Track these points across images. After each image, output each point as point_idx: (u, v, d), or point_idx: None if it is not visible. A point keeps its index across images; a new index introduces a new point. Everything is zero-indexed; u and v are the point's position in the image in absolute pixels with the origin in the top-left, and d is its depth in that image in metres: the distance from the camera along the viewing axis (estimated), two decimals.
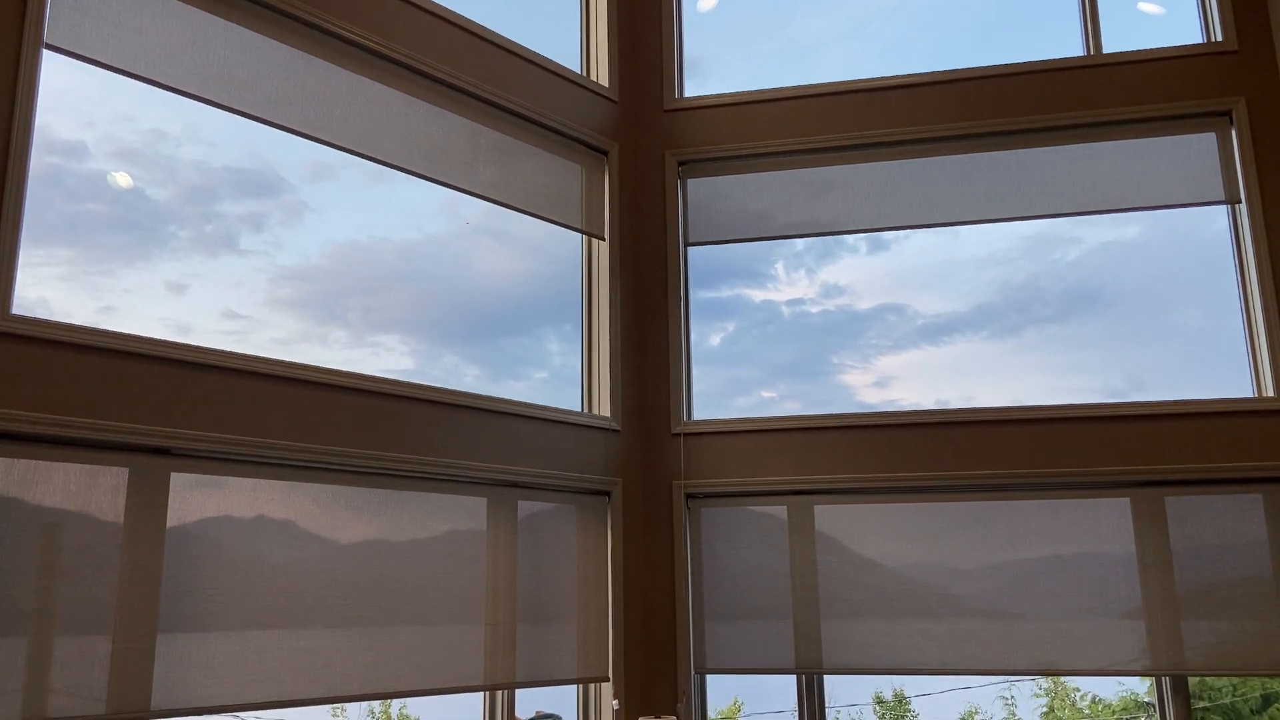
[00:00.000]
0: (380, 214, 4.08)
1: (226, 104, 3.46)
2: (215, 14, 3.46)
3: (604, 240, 4.66)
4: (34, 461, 2.84)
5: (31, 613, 2.78)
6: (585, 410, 4.51)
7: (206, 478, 3.19)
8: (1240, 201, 4.26)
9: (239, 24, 3.52)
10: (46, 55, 3.03)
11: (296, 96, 3.64)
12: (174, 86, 3.34)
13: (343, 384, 3.55)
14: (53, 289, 3.08)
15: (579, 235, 4.68)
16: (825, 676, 4.33)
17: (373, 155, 3.86)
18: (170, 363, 3.13)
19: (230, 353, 3.29)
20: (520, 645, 3.93)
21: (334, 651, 3.41)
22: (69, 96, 3.16)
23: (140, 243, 3.39)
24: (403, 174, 3.99)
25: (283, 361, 3.42)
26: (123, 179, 3.35)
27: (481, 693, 3.98)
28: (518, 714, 4.00)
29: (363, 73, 3.87)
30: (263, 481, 3.32)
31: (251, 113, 3.51)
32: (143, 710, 2.95)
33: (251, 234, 3.68)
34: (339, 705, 4.62)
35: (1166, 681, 4.04)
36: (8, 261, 2.83)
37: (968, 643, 4.13)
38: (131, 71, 3.23)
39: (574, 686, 4.27)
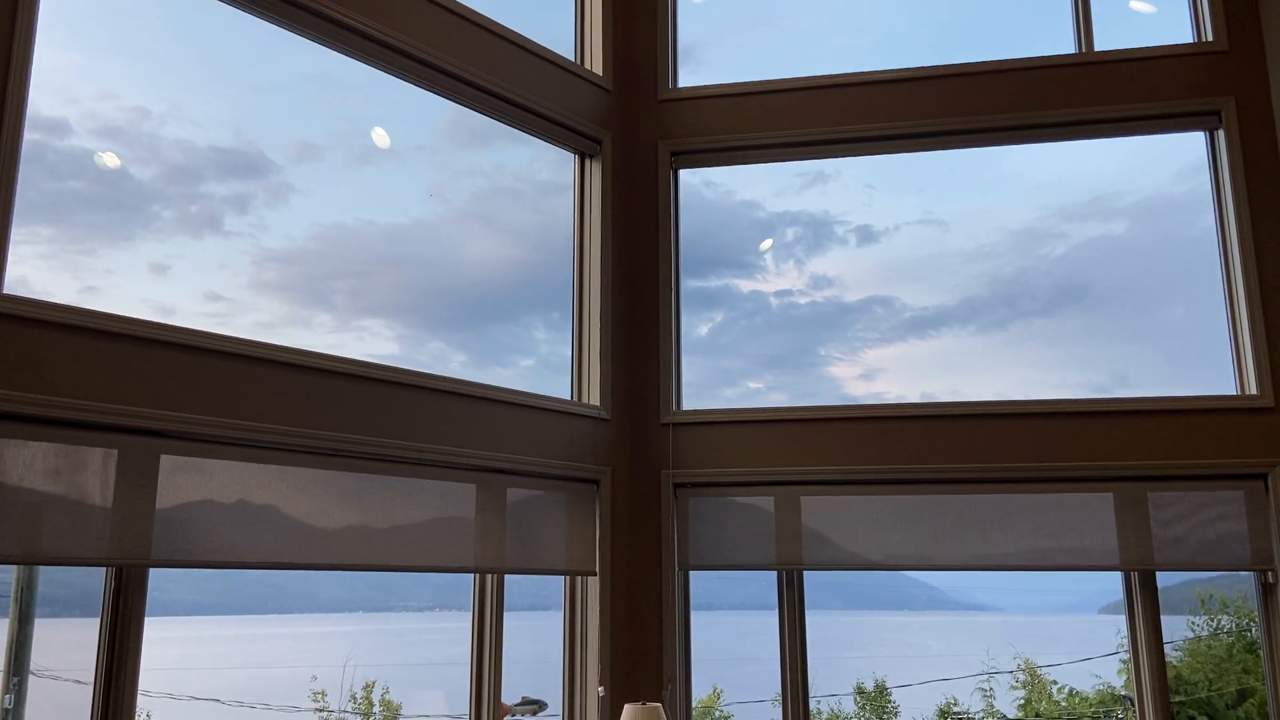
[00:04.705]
0: (367, 196, 4.03)
1: None
2: None
3: (597, 159, 4.64)
4: (25, 441, 2.79)
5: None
6: (575, 399, 4.49)
7: (193, 460, 3.15)
8: (1220, 128, 4.31)
9: (237, 6, 3.45)
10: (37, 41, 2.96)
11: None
12: None
13: (334, 368, 3.52)
14: (34, 267, 3.01)
15: (569, 224, 4.65)
16: (809, 674, 4.32)
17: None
18: (162, 345, 3.09)
19: (223, 335, 3.25)
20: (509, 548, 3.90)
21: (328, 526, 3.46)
22: (52, 73, 3.09)
23: (123, 222, 3.32)
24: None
25: (276, 345, 3.38)
26: (110, 160, 3.28)
27: (468, 687, 3.97)
28: (503, 700, 3.98)
29: (353, 55, 3.81)
30: (252, 465, 3.28)
31: None
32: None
33: (236, 215, 3.62)
34: (320, 692, 4.60)
35: (1145, 675, 4.08)
36: None
37: (942, 540, 4.19)
38: None
39: (560, 678, 4.26)
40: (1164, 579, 4.12)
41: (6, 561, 2.81)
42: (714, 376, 4.78)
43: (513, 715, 4.06)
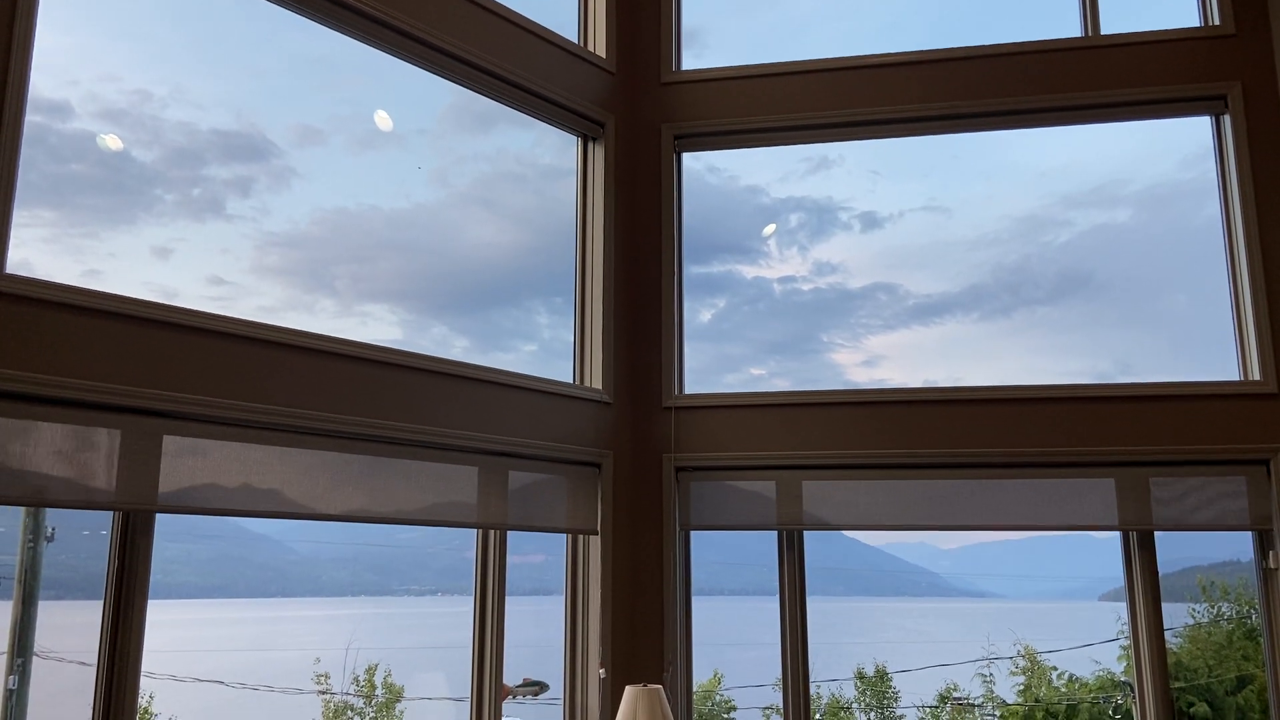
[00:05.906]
0: (369, 180, 4.02)
1: None
2: None
3: (599, 142, 4.63)
4: (28, 421, 2.80)
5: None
6: (577, 382, 4.49)
7: (195, 441, 3.15)
8: (1225, 113, 4.29)
9: None
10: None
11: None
12: None
13: (337, 350, 3.52)
14: (36, 250, 3.01)
15: (572, 209, 4.64)
16: (810, 659, 4.33)
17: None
18: (165, 325, 3.09)
19: (226, 316, 3.25)
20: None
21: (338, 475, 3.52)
22: (54, 55, 3.08)
23: (125, 205, 3.32)
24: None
25: (280, 327, 3.38)
26: (113, 141, 3.27)
27: (470, 670, 3.99)
28: (505, 682, 4.00)
29: (355, 36, 3.79)
30: (254, 446, 3.28)
31: None
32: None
33: (238, 199, 3.61)
34: (323, 674, 4.62)
35: (1145, 661, 4.09)
36: (1, 220, 2.77)
37: (941, 502, 4.22)
38: None
39: (561, 661, 4.28)
40: (1165, 566, 4.12)
41: (6, 503, 2.81)
42: (717, 363, 4.78)
43: (514, 697, 4.08)
